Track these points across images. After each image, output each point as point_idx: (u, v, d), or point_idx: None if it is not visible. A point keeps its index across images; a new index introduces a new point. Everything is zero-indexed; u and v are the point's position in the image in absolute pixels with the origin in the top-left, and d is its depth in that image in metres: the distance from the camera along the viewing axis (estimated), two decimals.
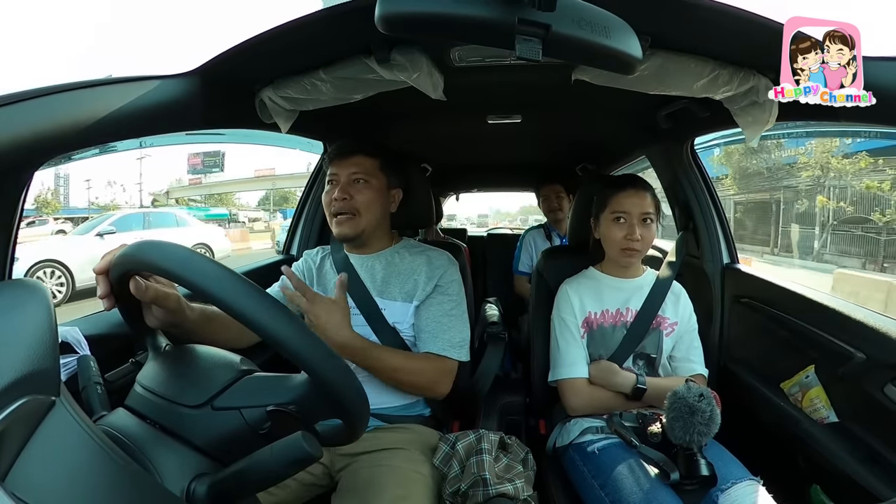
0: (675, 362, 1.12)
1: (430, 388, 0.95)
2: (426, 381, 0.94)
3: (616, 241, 1.08)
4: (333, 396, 0.45)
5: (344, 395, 0.45)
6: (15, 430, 0.33)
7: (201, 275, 0.43)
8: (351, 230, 0.99)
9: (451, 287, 1.01)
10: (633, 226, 1.05)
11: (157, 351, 0.58)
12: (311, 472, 0.87)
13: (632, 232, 1.05)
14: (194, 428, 0.47)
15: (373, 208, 1.01)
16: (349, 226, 0.99)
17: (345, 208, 0.98)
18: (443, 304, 0.99)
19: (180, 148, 29.90)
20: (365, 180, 1.00)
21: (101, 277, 0.55)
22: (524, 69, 0.95)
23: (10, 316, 0.38)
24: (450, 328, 0.97)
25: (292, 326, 0.43)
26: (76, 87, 0.57)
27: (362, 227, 1.00)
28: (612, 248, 1.10)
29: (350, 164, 1.00)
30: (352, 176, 1.00)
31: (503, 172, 2.78)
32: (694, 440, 0.82)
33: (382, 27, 0.46)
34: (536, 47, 0.47)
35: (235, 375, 0.51)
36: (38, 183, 23.80)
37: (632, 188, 1.08)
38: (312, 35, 0.72)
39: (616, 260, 1.12)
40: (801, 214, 13.81)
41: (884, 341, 0.85)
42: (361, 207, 0.99)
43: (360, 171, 1.00)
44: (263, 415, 0.47)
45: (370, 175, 1.01)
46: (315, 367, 0.43)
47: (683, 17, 0.67)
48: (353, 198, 0.98)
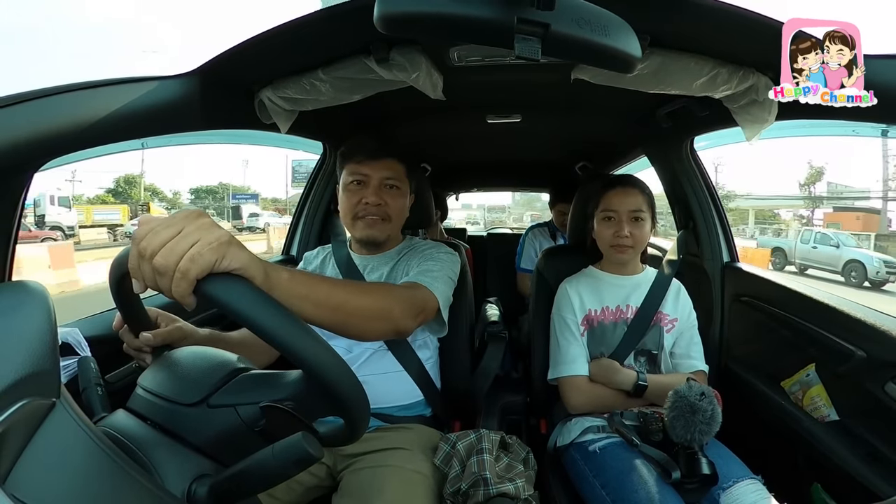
0: (676, 359, 1.12)
1: (387, 312, 0.70)
2: (384, 305, 0.70)
3: (605, 239, 1.11)
4: (331, 393, 0.44)
5: (343, 391, 0.45)
6: (15, 432, 0.33)
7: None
8: (381, 234, 0.99)
9: (438, 255, 0.98)
10: (622, 223, 1.07)
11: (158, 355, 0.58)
12: (312, 472, 0.87)
13: (620, 229, 1.07)
14: (190, 426, 0.47)
15: (402, 215, 1.01)
16: (380, 229, 0.98)
17: (379, 213, 0.97)
18: (424, 263, 0.95)
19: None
20: (397, 186, 0.99)
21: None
22: (524, 69, 0.95)
23: (9, 317, 0.38)
24: (428, 271, 0.91)
25: (279, 317, 0.43)
26: (76, 88, 0.57)
27: (389, 233, 1.00)
28: (602, 245, 1.13)
29: (383, 168, 0.98)
30: (385, 181, 0.97)
31: (503, 172, 2.78)
32: (695, 439, 0.82)
33: (381, 27, 0.45)
34: (536, 46, 0.46)
35: (231, 373, 0.51)
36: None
37: (621, 187, 1.10)
38: (311, 35, 0.72)
39: (609, 257, 1.14)
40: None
41: (884, 339, 0.85)
42: (394, 214, 0.98)
43: (393, 175, 0.98)
44: (258, 411, 0.47)
45: (401, 181, 1.00)
46: (308, 360, 0.43)
47: (682, 16, 0.67)
48: (387, 203, 0.97)
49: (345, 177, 1.00)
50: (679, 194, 1.42)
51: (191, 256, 0.42)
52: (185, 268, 0.41)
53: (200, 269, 0.42)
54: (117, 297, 0.55)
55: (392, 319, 0.71)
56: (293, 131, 1.01)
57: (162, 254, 0.42)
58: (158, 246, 0.42)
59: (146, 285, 0.44)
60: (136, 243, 0.43)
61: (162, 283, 0.42)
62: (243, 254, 0.45)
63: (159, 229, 0.43)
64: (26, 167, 0.56)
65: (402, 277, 0.98)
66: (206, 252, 0.42)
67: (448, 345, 1.10)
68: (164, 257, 0.41)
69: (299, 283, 0.54)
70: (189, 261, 0.41)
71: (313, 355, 0.43)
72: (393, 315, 0.71)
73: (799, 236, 13.83)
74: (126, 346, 0.65)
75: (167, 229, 0.43)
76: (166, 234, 0.42)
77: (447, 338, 1.05)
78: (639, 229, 1.08)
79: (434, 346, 1.08)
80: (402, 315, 0.73)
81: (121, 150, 5.49)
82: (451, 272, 0.96)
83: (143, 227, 0.43)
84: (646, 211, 1.09)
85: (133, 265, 0.43)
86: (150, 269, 0.42)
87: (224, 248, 0.43)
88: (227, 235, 0.45)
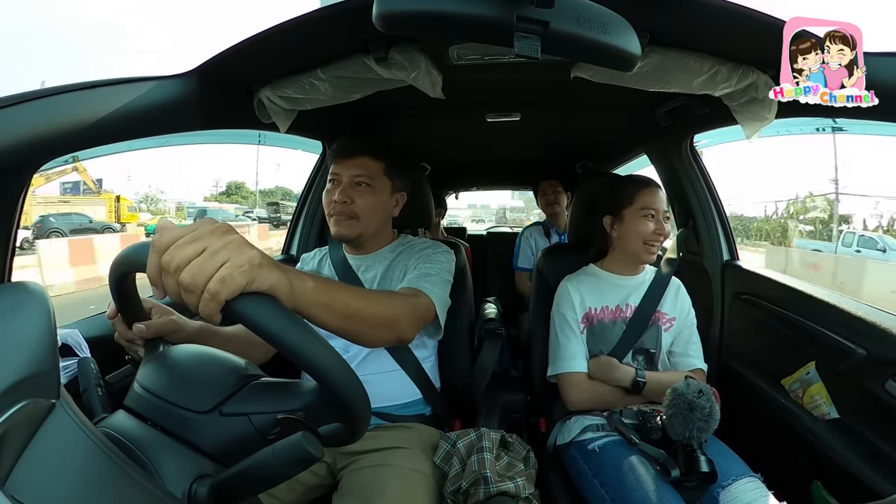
0: (674, 357, 1.13)
1: (394, 322, 0.71)
2: (392, 314, 0.71)
3: (643, 235, 1.09)
4: (343, 404, 0.45)
5: (350, 398, 0.45)
6: (15, 434, 0.33)
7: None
8: (348, 231, 0.98)
9: (435, 256, 0.98)
10: (661, 221, 1.09)
11: (154, 350, 0.58)
12: (313, 471, 0.87)
13: (660, 226, 1.09)
14: (202, 433, 0.47)
15: (373, 213, 0.98)
16: (346, 227, 0.97)
17: (344, 211, 0.96)
18: (421, 265, 0.94)
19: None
20: (367, 184, 0.97)
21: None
22: (523, 67, 0.94)
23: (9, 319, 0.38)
24: (426, 275, 0.91)
25: (306, 338, 0.43)
26: (74, 88, 0.57)
27: (359, 231, 0.98)
28: (636, 242, 1.10)
29: (353, 166, 0.97)
30: (354, 178, 0.97)
31: (503, 170, 2.78)
32: (694, 437, 0.82)
33: (380, 25, 0.45)
34: (535, 45, 0.46)
35: (242, 381, 0.51)
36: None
37: (655, 186, 1.13)
38: (310, 34, 0.72)
39: (638, 254, 1.11)
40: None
41: (884, 337, 0.85)
42: (361, 212, 0.96)
43: (363, 173, 0.97)
44: (273, 421, 0.47)
45: (374, 178, 0.98)
46: (330, 379, 0.44)
47: (682, 14, 0.67)
48: (353, 202, 0.96)
49: (328, 176, 1.01)
50: (679, 192, 1.42)
51: (221, 278, 0.40)
52: (214, 290, 0.40)
53: (231, 291, 0.41)
54: (116, 293, 0.55)
55: (397, 329, 0.72)
56: (292, 131, 1.01)
57: (190, 271, 0.40)
58: (184, 262, 0.40)
59: (167, 295, 0.42)
60: (157, 254, 0.41)
61: (189, 300, 0.41)
62: (273, 274, 0.44)
63: (183, 243, 0.41)
64: (26, 168, 0.56)
65: (399, 277, 0.97)
66: (237, 275, 0.41)
67: (448, 344, 1.10)
68: (192, 276, 0.40)
69: (322, 293, 0.54)
70: (219, 282, 0.40)
71: (334, 374, 0.44)
72: (399, 325, 0.72)
73: (840, 239, 12.18)
74: (118, 335, 0.64)
75: (192, 244, 0.41)
76: (192, 249, 0.41)
77: (447, 337, 1.05)
78: (667, 227, 1.11)
79: (432, 346, 1.09)
80: (407, 325, 0.75)
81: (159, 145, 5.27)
82: (448, 274, 0.96)
83: (164, 237, 0.41)
84: (668, 211, 1.12)
85: (153, 275, 0.42)
86: (175, 284, 0.41)
87: (255, 270, 0.42)
88: (258, 257, 0.44)
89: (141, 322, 0.61)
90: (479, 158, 2.38)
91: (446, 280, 0.94)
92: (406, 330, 0.75)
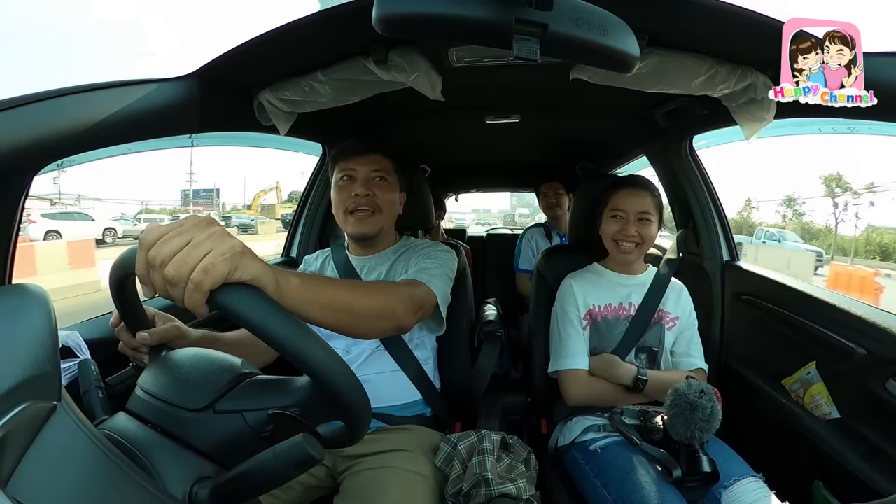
0: (676, 357, 1.13)
1: (390, 311, 0.71)
2: (386, 304, 0.71)
3: (610, 234, 1.12)
4: (338, 400, 0.45)
5: (347, 397, 0.45)
6: (16, 436, 0.33)
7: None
8: (371, 228, 0.99)
9: (435, 254, 0.99)
10: (629, 223, 1.09)
11: (156, 356, 0.58)
12: (313, 474, 0.87)
13: (626, 229, 1.09)
14: (196, 431, 0.47)
15: (392, 207, 1.02)
16: (370, 223, 0.98)
17: (368, 204, 0.97)
18: (422, 262, 0.95)
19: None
20: (385, 178, 1.00)
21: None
22: (522, 69, 0.95)
23: (10, 321, 0.38)
24: (426, 269, 0.92)
25: (291, 327, 0.42)
26: (75, 91, 0.57)
27: (381, 226, 1.00)
28: (607, 240, 1.14)
29: (369, 161, 1.00)
30: (372, 173, 0.99)
31: (502, 172, 2.78)
32: (695, 437, 0.82)
33: (380, 28, 0.45)
34: (534, 47, 0.46)
35: (237, 378, 0.51)
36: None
37: (631, 187, 1.12)
38: (310, 37, 0.72)
39: (613, 255, 1.15)
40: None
41: (884, 337, 0.85)
42: (383, 205, 0.99)
43: (380, 168, 1.00)
44: (266, 418, 0.47)
45: (389, 174, 1.01)
46: (318, 371, 0.43)
47: (681, 16, 0.67)
48: (376, 195, 0.98)
49: (336, 175, 1.02)
50: (678, 193, 1.43)
51: (203, 267, 0.41)
52: (197, 279, 0.40)
53: (213, 280, 0.41)
54: (117, 298, 0.55)
55: (394, 317, 0.72)
56: (292, 133, 1.02)
57: (174, 264, 0.40)
58: (169, 255, 0.41)
59: (156, 293, 0.43)
60: (144, 250, 0.42)
61: (174, 293, 0.41)
62: (255, 264, 0.45)
63: (169, 238, 0.42)
64: (27, 170, 0.56)
65: (400, 276, 0.98)
66: (219, 263, 0.41)
67: (447, 345, 1.10)
68: (175, 268, 0.40)
69: (308, 289, 0.54)
70: (202, 272, 0.40)
71: (323, 365, 0.43)
72: (396, 313, 0.72)
73: (754, 234, 17.42)
74: (122, 345, 0.64)
75: (177, 238, 0.42)
76: (176, 243, 0.41)
77: (447, 338, 1.05)
78: (646, 230, 1.09)
79: (431, 347, 1.09)
80: (403, 312, 0.74)
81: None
82: (448, 270, 0.96)
83: (151, 234, 0.42)
84: (653, 213, 1.10)
85: (142, 272, 0.42)
86: (161, 279, 0.41)
87: (237, 258, 0.43)
88: (239, 245, 0.44)
89: (144, 330, 0.62)
90: (479, 160, 2.39)
91: (447, 275, 0.95)
92: (403, 317, 0.74)
